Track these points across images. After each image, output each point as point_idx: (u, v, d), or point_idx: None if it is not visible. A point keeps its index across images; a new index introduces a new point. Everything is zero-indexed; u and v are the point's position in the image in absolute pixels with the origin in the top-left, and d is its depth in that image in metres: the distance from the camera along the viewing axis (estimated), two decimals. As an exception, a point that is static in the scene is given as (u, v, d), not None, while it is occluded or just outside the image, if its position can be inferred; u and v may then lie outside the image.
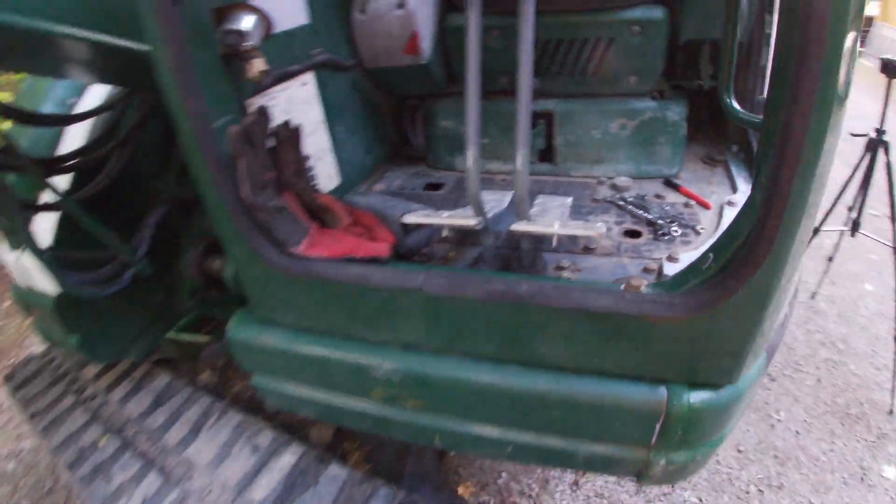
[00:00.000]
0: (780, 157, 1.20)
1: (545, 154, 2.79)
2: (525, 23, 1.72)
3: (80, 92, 2.69)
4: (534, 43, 2.14)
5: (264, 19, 1.93)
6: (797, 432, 3.63)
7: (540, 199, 2.24)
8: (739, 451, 3.54)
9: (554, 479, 3.49)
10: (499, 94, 2.71)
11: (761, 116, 1.47)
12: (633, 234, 2.24)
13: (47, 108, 2.59)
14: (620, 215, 2.37)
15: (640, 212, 2.32)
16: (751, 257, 1.33)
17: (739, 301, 1.39)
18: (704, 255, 1.50)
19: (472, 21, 1.80)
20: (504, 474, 3.56)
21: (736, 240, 1.40)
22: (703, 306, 1.43)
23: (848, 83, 1.18)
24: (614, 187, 2.59)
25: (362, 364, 1.98)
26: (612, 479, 3.46)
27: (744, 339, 1.49)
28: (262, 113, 1.98)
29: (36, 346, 5.17)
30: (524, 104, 1.76)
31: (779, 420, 3.73)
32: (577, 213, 2.23)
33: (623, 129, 2.58)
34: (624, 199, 2.44)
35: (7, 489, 3.96)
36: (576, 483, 3.46)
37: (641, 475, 1.89)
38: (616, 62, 2.46)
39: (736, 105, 2.36)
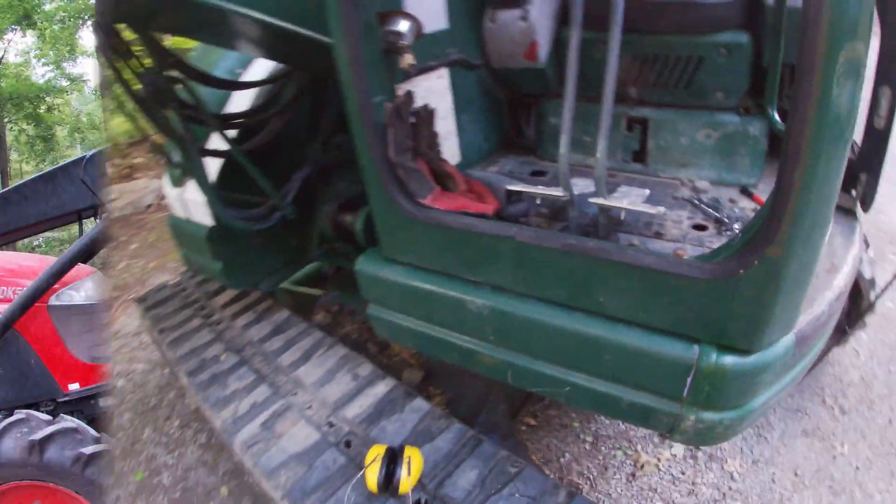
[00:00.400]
0: (785, 153, 1.57)
1: (638, 155, 3.12)
2: (613, 40, 2.10)
3: (245, 64, 3.31)
4: (632, 56, 2.70)
5: (416, 24, 2.45)
6: (857, 467, 3.63)
7: (623, 188, 2.58)
8: (796, 475, 3.59)
9: (612, 468, 3.66)
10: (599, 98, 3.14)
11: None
12: (700, 227, 2.53)
13: (218, 74, 3.13)
14: (693, 212, 2.66)
15: (711, 210, 2.60)
16: (765, 234, 1.67)
17: (756, 271, 1.72)
18: (736, 234, 1.86)
19: (574, 35, 2.21)
20: (567, 455, 3.77)
21: (761, 221, 1.72)
22: (728, 273, 1.78)
23: (849, 93, 1.48)
24: (694, 189, 2.87)
25: (460, 299, 2.47)
26: (666, 476, 3.61)
27: (762, 307, 1.80)
28: (409, 96, 2.55)
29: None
30: (607, 104, 2.14)
31: (841, 453, 3.74)
32: (654, 204, 2.47)
33: (708, 139, 2.87)
34: (700, 199, 2.72)
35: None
36: (633, 475, 3.62)
37: (673, 429, 2.21)
38: (705, 79, 2.76)
39: (778, 119, 2.63)
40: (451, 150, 3.06)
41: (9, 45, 17.74)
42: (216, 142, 3.01)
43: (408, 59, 2.43)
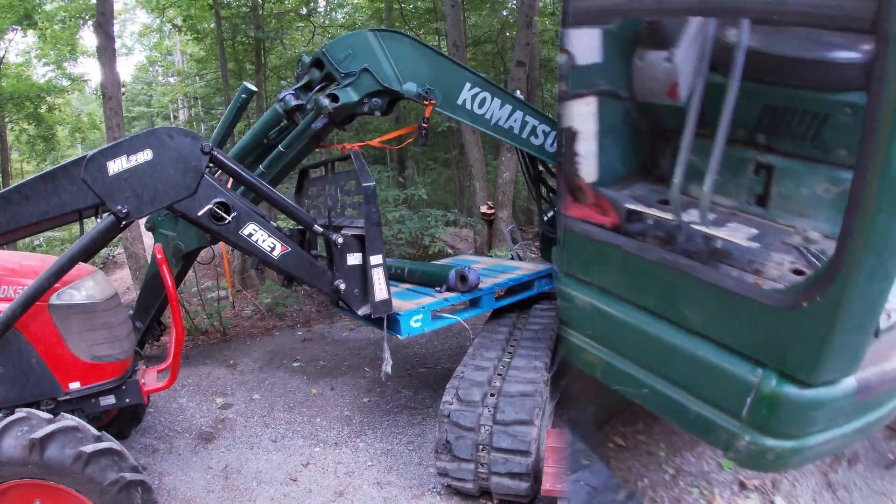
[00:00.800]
0: (850, 202, 1.91)
1: (761, 199, 3.19)
2: (731, 89, 2.40)
3: None
4: (763, 105, 2.96)
5: (570, 56, 3.30)
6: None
7: (733, 225, 2.72)
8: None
9: (685, 503, 3.86)
10: (733, 142, 3.20)
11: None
12: (799, 272, 2.61)
13: None
14: (797, 258, 2.72)
15: (814, 260, 2.64)
16: (830, 273, 1.96)
17: (818, 305, 1.98)
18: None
19: (700, 81, 2.59)
20: (646, 480, 4.04)
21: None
22: (792, 303, 2.06)
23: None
24: (805, 238, 2.89)
25: (571, 295, 3.44)
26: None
27: (820, 340, 2.03)
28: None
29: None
30: (719, 144, 2.45)
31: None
32: (763, 245, 2.62)
33: (827, 193, 2.89)
34: (807, 248, 2.75)
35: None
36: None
37: (728, 447, 2.45)
38: (830, 135, 2.82)
39: None
40: (588, 169, 3.45)
41: (9, 45, 17.87)
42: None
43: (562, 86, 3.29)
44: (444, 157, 20.77)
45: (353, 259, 4.85)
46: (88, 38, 19.79)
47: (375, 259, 4.78)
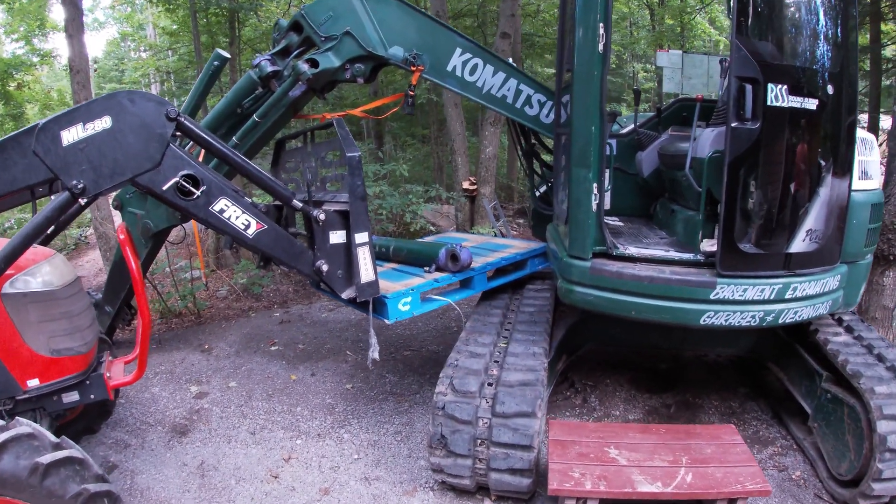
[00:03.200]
0: None
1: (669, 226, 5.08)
2: None
3: None
4: None
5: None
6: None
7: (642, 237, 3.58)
8: None
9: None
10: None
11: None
12: None
13: None
14: None
15: None
16: None
17: None
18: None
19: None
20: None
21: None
22: None
23: None
24: None
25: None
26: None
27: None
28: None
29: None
30: None
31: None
32: None
33: None
34: None
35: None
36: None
37: None
38: None
39: None
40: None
41: (-24, 20, 16.98)
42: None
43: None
44: (422, 133, 20.25)
45: (336, 237, 4.40)
46: (58, 12, 18.96)
47: (361, 237, 4.33)
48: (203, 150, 4.65)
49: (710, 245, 4.32)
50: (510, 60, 6.22)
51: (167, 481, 4.54)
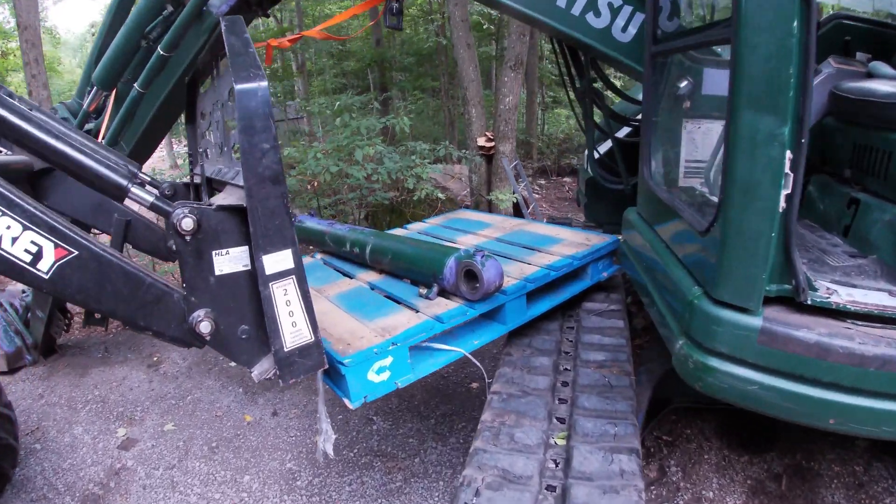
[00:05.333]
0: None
1: (846, 230, 2.72)
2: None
3: None
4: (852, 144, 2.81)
5: (693, 84, 2.70)
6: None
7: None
8: None
9: None
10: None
11: None
12: None
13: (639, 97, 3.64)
14: None
15: None
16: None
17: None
18: None
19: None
20: None
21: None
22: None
23: None
24: None
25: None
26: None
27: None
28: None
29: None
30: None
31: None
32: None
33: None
34: None
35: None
36: None
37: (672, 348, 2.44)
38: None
39: None
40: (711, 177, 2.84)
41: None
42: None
43: (687, 105, 2.80)
44: (431, 86, 17.53)
45: (227, 262, 2.05)
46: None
47: (277, 261, 1.99)
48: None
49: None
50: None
51: None
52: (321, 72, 20.41)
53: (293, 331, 2.11)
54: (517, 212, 9.38)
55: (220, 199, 2.14)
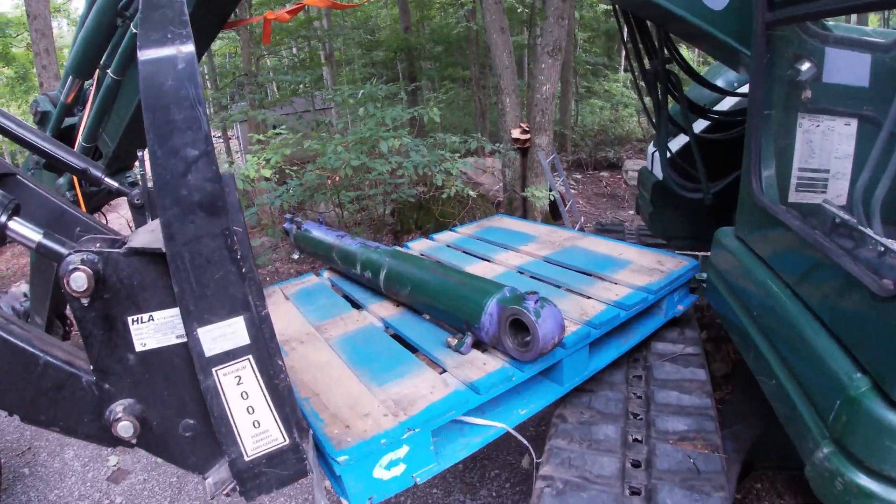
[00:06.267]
0: None
1: None
2: None
3: (742, 80, 3.33)
4: None
5: (815, 69, 2.07)
6: None
7: None
8: None
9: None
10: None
11: None
12: None
13: (720, 82, 3.44)
14: None
15: None
16: None
17: None
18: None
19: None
20: None
21: None
22: None
23: None
24: None
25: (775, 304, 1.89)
26: None
27: None
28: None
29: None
30: None
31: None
32: None
33: None
34: None
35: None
36: None
37: (808, 457, 1.67)
38: None
39: None
40: (836, 189, 2.27)
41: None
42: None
43: (806, 94, 2.13)
44: (462, 76, 16.61)
45: (151, 332, 1.30)
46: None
47: (222, 335, 1.23)
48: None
49: None
50: None
51: None
52: (350, 61, 19.68)
53: (257, 433, 1.36)
54: (553, 210, 8.54)
55: (142, 233, 1.39)
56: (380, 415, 1.82)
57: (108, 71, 3.18)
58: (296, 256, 3.78)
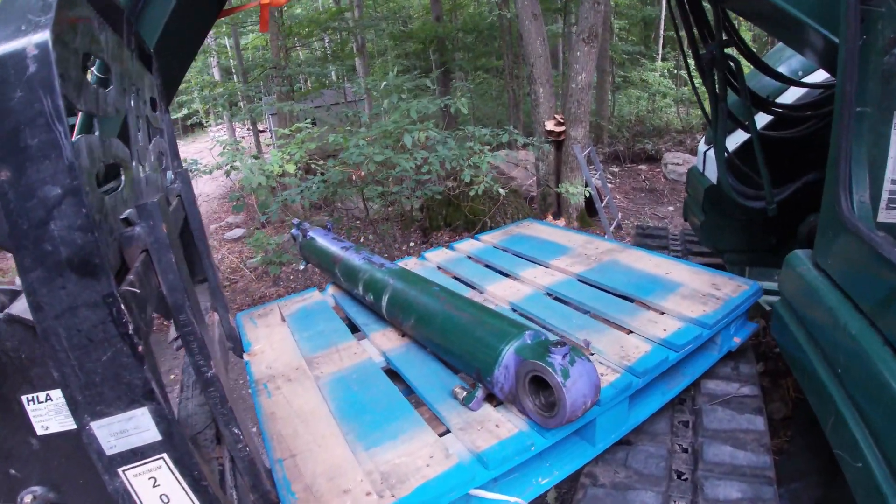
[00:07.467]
0: None
1: None
2: None
3: (808, 69, 2.89)
4: None
5: None
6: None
7: None
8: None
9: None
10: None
11: None
12: None
13: (782, 69, 2.86)
14: None
15: None
16: None
17: None
18: None
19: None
20: None
21: None
22: None
23: None
24: None
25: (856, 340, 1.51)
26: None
27: None
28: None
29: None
30: None
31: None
32: None
33: None
34: None
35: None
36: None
37: None
38: None
39: None
40: None
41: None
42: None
43: None
44: (495, 66, 16.03)
45: (52, 413, 1.04)
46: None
47: (123, 430, 0.93)
48: None
49: None
50: None
51: None
52: (383, 52, 19.28)
53: None
54: (589, 206, 8.03)
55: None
56: (362, 493, 1.43)
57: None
58: (302, 267, 3.41)
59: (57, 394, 1.01)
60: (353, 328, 2.48)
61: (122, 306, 0.86)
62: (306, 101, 12.14)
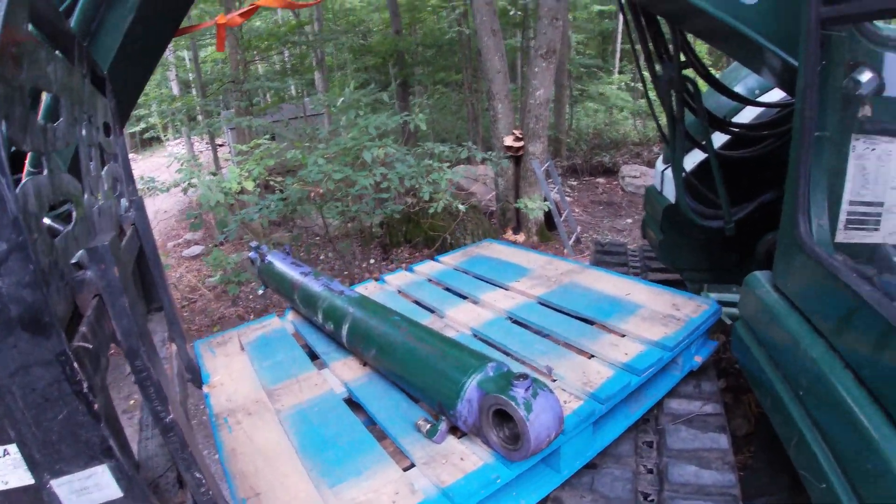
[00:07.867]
0: None
1: None
2: None
3: (764, 88, 2.95)
4: None
5: (879, 82, 1.79)
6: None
7: None
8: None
9: None
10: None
11: None
12: None
13: (739, 88, 2.97)
14: None
15: None
16: None
17: None
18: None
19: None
20: None
21: None
22: None
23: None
24: None
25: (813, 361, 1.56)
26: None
27: None
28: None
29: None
30: None
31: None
32: None
33: None
34: None
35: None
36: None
37: None
38: None
39: None
40: (889, 226, 1.95)
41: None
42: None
43: (865, 111, 1.83)
44: (453, 79, 16.13)
45: (10, 468, 0.95)
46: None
47: (84, 487, 0.94)
48: None
49: None
50: None
51: None
52: (342, 66, 19.19)
53: None
54: (549, 220, 8.10)
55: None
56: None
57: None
58: (261, 292, 3.33)
59: (14, 448, 0.95)
60: (314, 356, 2.43)
61: (76, 364, 0.81)
62: (265, 115, 11.97)
